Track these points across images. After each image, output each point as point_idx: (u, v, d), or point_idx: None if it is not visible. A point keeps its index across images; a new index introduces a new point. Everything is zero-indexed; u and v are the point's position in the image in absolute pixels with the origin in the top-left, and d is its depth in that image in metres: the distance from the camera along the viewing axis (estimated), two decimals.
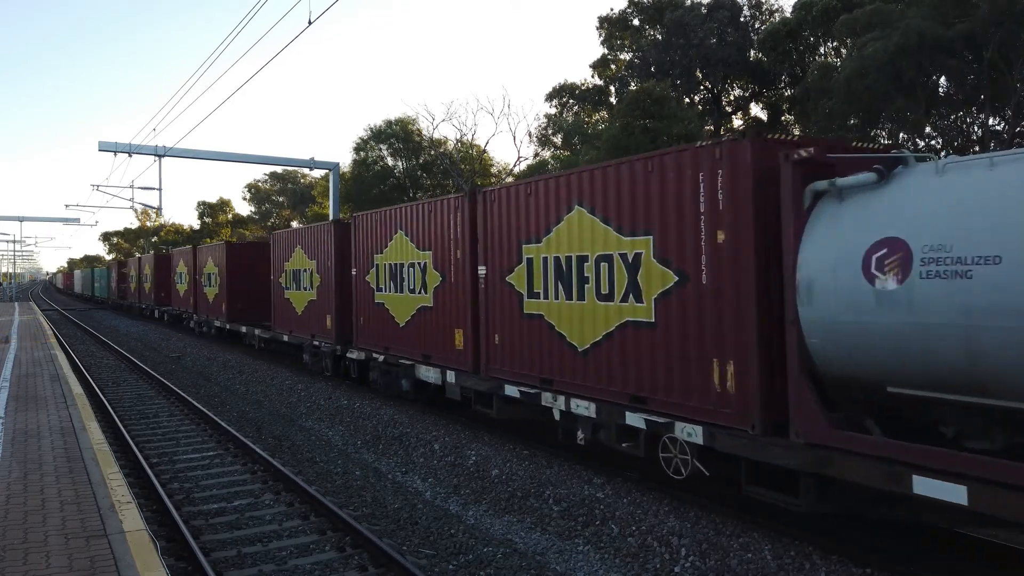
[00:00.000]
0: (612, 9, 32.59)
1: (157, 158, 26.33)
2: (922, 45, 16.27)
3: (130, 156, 26.40)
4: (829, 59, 25.00)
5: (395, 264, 14.68)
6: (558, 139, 33.31)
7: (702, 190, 7.89)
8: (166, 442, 12.92)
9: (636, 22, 31.81)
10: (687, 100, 30.45)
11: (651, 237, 8.55)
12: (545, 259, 10.38)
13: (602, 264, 9.30)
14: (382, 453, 12.41)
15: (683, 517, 8.36)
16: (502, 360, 11.43)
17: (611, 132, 23.94)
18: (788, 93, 27.56)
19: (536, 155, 34.14)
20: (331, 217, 30.31)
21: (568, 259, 9.93)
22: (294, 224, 66.84)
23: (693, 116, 25.87)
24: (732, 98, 32.16)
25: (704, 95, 31.69)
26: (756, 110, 31.65)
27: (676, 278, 8.24)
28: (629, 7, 31.64)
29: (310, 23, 13.29)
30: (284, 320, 20.82)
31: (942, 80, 18.67)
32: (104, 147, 26.06)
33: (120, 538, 5.82)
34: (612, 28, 32.22)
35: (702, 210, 7.89)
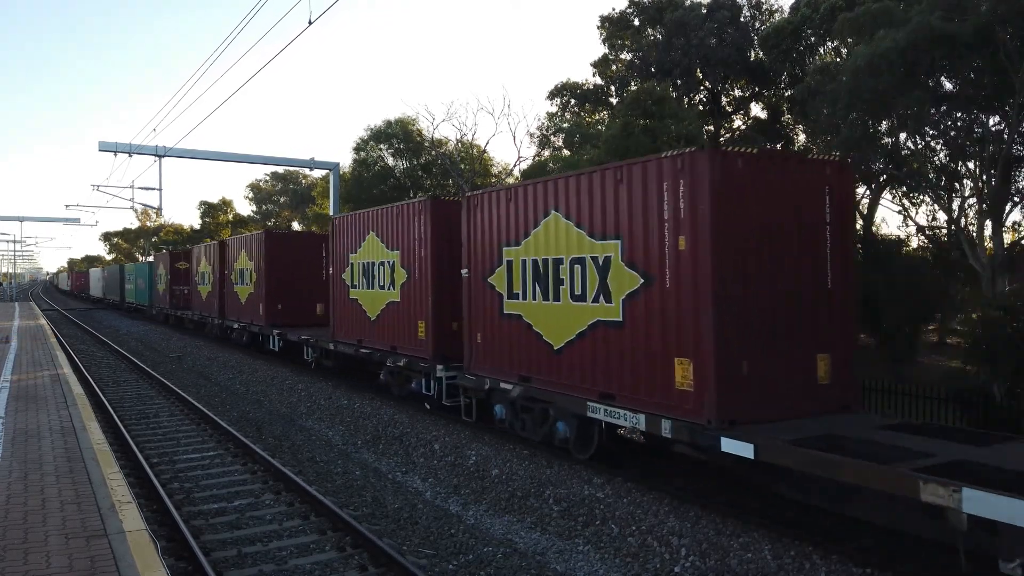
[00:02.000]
0: (613, 9, 32.55)
1: (157, 158, 26.30)
2: (934, 41, 16.21)
3: (130, 156, 26.38)
4: (829, 59, 24.98)
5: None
6: (559, 139, 33.29)
7: None
8: (166, 442, 12.93)
9: (636, 22, 31.79)
10: (687, 100, 30.44)
11: None
12: None
13: None
14: (382, 453, 12.42)
15: (683, 517, 8.36)
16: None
17: (611, 132, 23.92)
18: (788, 93, 27.52)
19: (537, 156, 34.12)
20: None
21: None
22: (295, 225, 66.45)
23: (693, 116, 25.85)
24: (732, 98, 32.16)
25: (704, 95, 31.70)
26: (756, 110, 31.68)
27: None
28: (629, 7, 31.64)
29: (310, 23, 13.28)
30: None
31: (944, 78, 18.64)
32: (104, 147, 26.03)
33: (120, 538, 5.82)
34: (613, 28, 32.19)
35: None
